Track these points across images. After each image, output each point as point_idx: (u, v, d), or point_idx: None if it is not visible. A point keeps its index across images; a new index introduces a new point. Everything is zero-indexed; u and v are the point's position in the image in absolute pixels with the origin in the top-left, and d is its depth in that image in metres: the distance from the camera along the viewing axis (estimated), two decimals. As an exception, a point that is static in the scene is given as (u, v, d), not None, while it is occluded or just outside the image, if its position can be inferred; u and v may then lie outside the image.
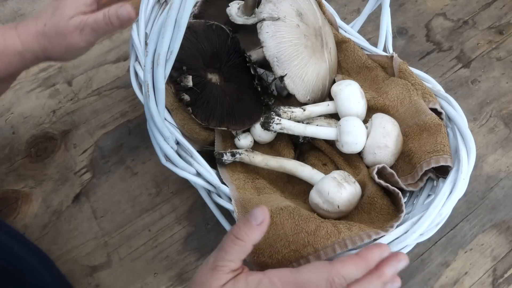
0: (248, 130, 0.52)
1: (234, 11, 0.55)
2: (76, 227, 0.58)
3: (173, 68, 0.38)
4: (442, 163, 0.43)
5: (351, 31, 0.59)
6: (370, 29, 0.77)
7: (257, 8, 0.54)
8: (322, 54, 0.52)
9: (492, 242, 0.59)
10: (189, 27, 0.50)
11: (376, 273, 0.33)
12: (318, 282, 0.32)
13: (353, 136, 0.46)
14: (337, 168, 0.51)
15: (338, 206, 0.42)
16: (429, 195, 0.46)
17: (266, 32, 0.47)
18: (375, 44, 0.57)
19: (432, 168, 0.44)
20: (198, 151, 0.46)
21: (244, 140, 0.51)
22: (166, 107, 0.48)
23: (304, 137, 0.51)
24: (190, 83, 0.47)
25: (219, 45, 0.52)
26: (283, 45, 0.48)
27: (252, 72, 0.52)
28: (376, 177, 0.45)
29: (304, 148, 0.55)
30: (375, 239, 0.39)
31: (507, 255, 0.58)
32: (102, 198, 0.60)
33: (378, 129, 0.47)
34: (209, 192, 0.48)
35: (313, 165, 0.50)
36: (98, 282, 0.54)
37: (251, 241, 0.34)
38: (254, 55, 0.55)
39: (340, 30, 0.59)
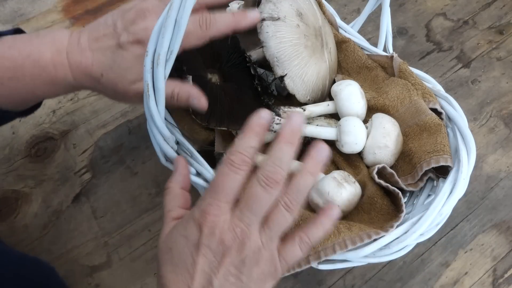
0: (248, 130, 0.52)
1: (234, 11, 0.55)
2: (76, 227, 0.58)
3: (173, 68, 0.38)
4: (442, 163, 0.43)
5: (351, 31, 0.59)
6: (370, 29, 0.77)
7: (257, 8, 0.54)
8: (322, 54, 0.52)
9: (492, 242, 0.59)
10: (189, 27, 0.50)
11: (280, 138, 0.32)
12: (222, 172, 0.32)
13: (353, 136, 0.46)
14: (337, 168, 0.51)
15: (338, 206, 0.42)
16: (429, 195, 0.46)
17: (266, 32, 0.47)
18: (375, 44, 0.57)
19: (432, 168, 0.44)
20: (198, 151, 0.46)
21: (244, 140, 0.51)
22: (166, 107, 0.48)
23: (304, 137, 0.51)
24: (190, 83, 0.47)
25: (219, 45, 0.52)
26: (283, 45, 0.48)
27: (252, 72, 0.52)
28: (376, 177, 0.45)
29: (304, 148, 0.55)
30: (375, 239, 0.39)
31: (507, 255, 0.58)
32: (102, 198, 0.60)
33: (378, 129, 0.47)
34: (209, 192, 0.48)
35: (313, 165, 0.50)
36: (98, 282, 0.54)
37: (176, 184, 0.38)
38: (254, 55, 0.55)
39: (340, 30, 0.59)
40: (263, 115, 0.33)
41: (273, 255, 0.32)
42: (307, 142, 0.53)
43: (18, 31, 0.46)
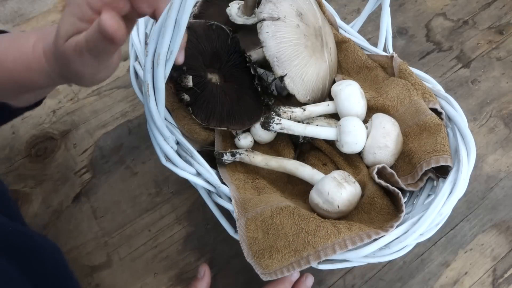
0: (248, 130, 0.52)
1: (234, 11, 0.55)
2: (76, 227, 0.58)
3: (173, 68, 0.38)
4: (442, 163, 0.43)
5: (351, 31, 0.59)
6: (370, 29, 0.77)
7: (257, 8, 0.54)
8: (322, 54, 0.52)
9: (492, 242, 0.59)
10: (189, 27, 0.50)
11: None
12: None
13: (353, 136, 0.46)
14: (337, 168, 0.51)
15: (338, 206, 0.42)
16: (429, 195, 0.46)
17: (266, 32, 0.47)
18: (375, 44, 0.57)
19: (432, 168, 0.44)
20: (198, 151, 0.46)
21: (244, 140, 0.51)
22: (166, 107, 0.48)
23: (304, 137, 0.51)
24: (190, 83, 0.47)
25: (219, 45, 0.52)
26: (283, 45, 0.48)
27: (252, 72, 0.52)
28: (376, 177, 0.45)
29: (304, 148, 0.55)
30: (375, 239, 0.39)
31: (507, 255, 0.58)
32: (102, 198, 0.60)
33: (378, 129, 0.47)
34: (209, 192, 0.48)
35: (313, 165, 0.50)
36: (98, 282, 0.54)
37: None
38: (254, 55, 0.55)
39: (340, 30, 0.59)
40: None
41: None
42: (307, 142, 0.53)
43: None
